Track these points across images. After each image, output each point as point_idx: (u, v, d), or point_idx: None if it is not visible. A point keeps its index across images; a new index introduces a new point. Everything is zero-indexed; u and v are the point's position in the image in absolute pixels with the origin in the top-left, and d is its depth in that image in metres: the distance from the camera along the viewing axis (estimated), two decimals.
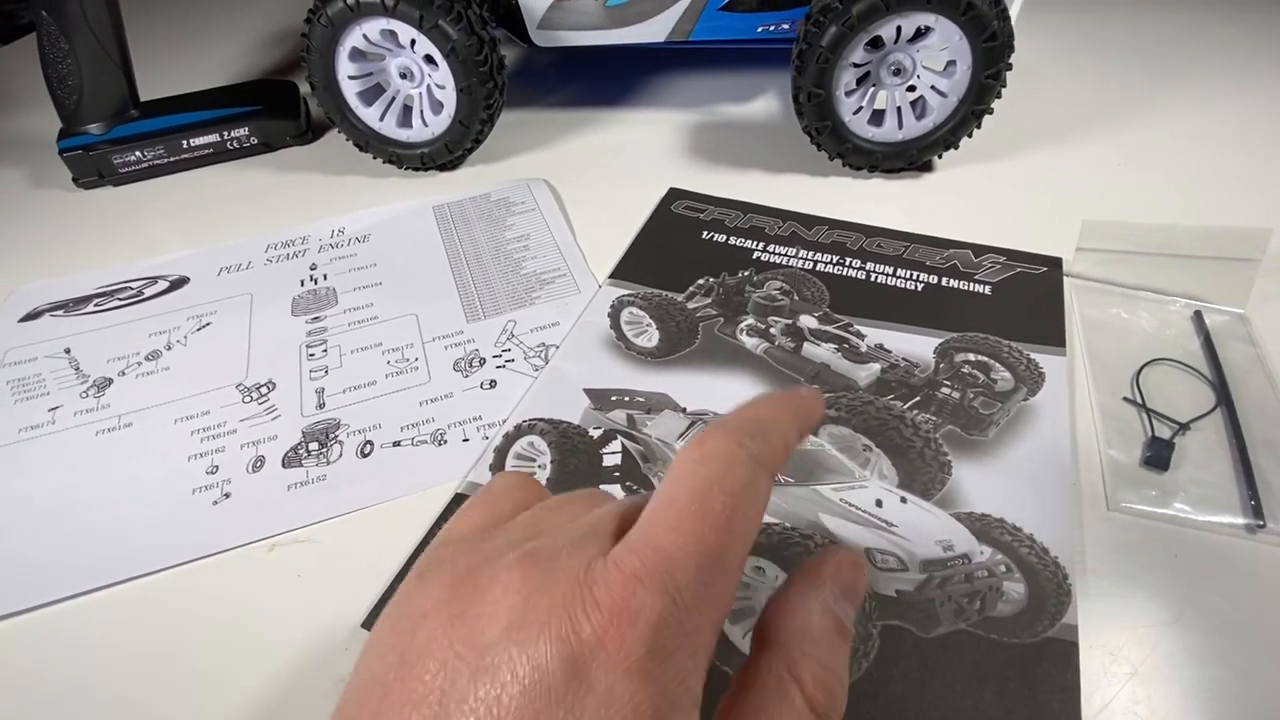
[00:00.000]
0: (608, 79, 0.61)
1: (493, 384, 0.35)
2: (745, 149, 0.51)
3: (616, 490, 0.30)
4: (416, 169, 0.51)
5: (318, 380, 0.36)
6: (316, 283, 0.42)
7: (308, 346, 0.38)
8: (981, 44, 0.41)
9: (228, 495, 0.31)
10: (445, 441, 0.32)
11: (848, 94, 0.44)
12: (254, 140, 0.53)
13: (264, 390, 0.35)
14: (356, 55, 0.46)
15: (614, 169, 0.50)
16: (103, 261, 0.45)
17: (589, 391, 0.34)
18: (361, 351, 0.37)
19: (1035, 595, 0.25)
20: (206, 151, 0.52)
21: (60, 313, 0.41)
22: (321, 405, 0.35)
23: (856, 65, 0.44)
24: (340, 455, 0.32)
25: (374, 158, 0.51)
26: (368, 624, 0.26)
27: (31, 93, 0.65)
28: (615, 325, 0.37)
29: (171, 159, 0.52)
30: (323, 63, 0.46)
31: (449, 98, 0.47)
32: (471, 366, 0.36)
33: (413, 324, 0.39)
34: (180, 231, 0.47)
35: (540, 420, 0.33)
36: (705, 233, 0.43)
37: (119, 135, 0.50)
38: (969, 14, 0.40)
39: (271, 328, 0.39)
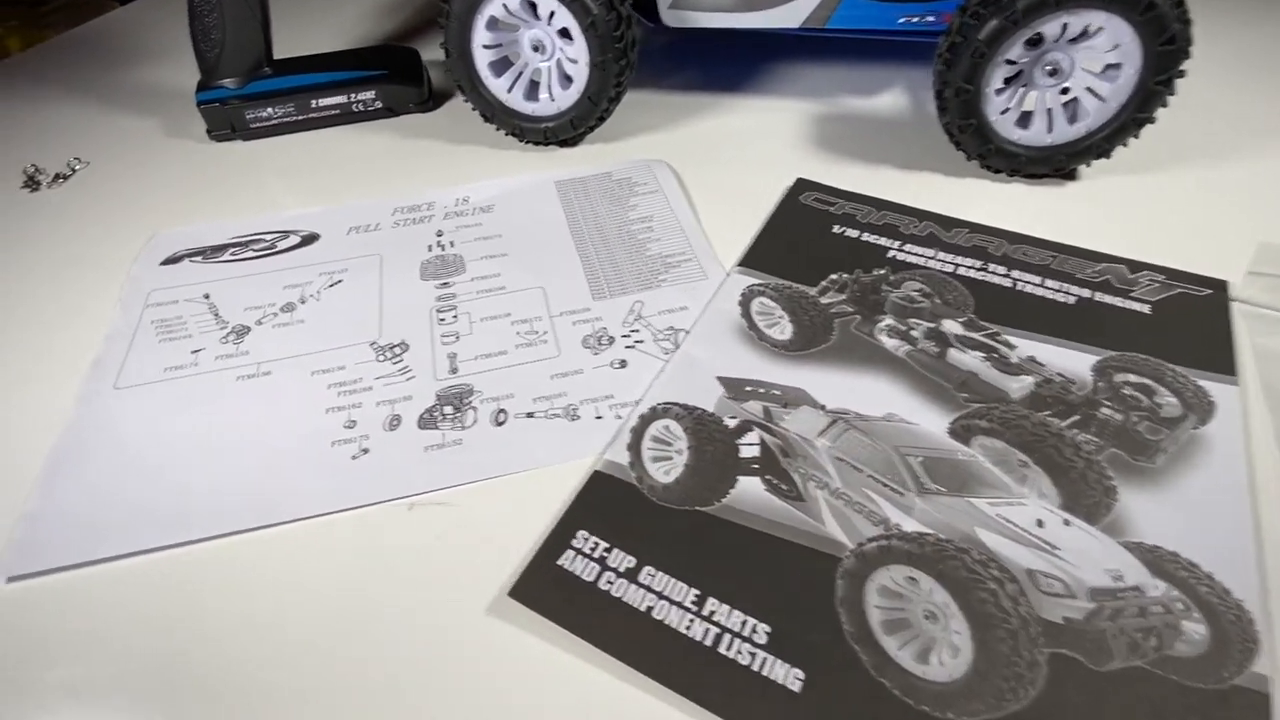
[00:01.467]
0: (725, 63, 0.60)
1: (623, 364, 0.35)
2: (873, 144, 0.50)
3: (755, 482, 0.29)
4: (538, 143, 0.50)
5: (449, 345, 0.36)
6: (444, 249, 0.42)
7: (438, 311, 0.38)
8: (1157, 47, 0.39)
9: (366, 450, 0.31)
10: (578, 417, 0.32)
11: (997, 92, 0.42)
12: (379, 104, 0.54)
13: (397, 351, 0.36)
14: (493, 24, 0.46)
15: (735, 155, 0.49)
16: (232, 212, 0.46)
17: (723, 380, 0.33)
18: (491, 320, 0.37)
19: (1218, 638, 0.24)
20: (333, 112, 0.53)
21: (199, 259, 0.42)
22: (454, 370, 0.35)
23: (1010, 62, 0.42)
24: (475, 421, 0.32)
25: (497, 129, 0.51)
26: (514, 593, 0.26)
27: (165, 47, 0.67)
28: (746, 315, 0.36)
29: (299, 117, 0.53)
30: (460, 30, 0.46)
31: (580, 73, 0.46)
32: (600, 344, 0.36)
33: (540, 297, 0.39)
34: (306, 189, 0.48)
35: (675, 405, 0.32)
36: (836, 227, 0.42)
37: (253, 91, 0.51)
38: (1148, 14, 0.38)
39: (402, 290, 0.39)
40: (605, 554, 0.27)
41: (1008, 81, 0.42)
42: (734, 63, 0.60)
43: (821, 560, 0.27)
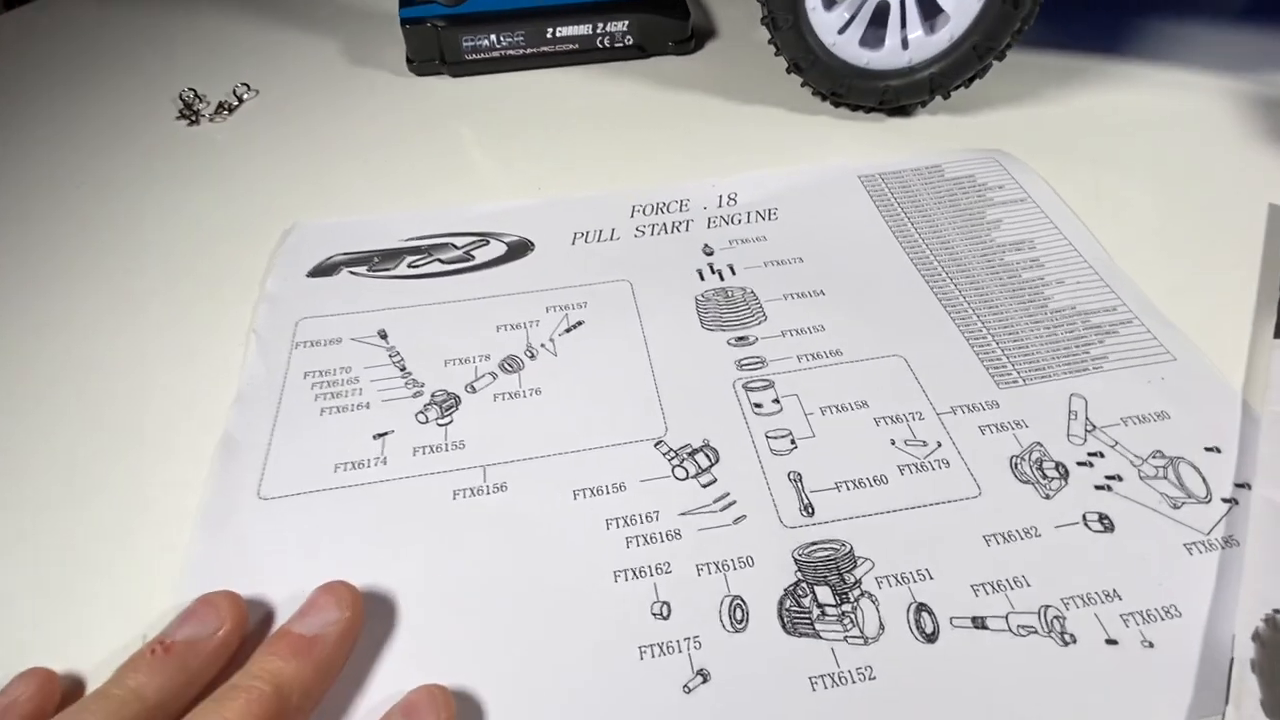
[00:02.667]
0: (1119, 19, 0.42)
1: (1105, 522, 0.20)
2: None
3: None
4: (862, 107, 0.35)
5: (783, 457, 0.22)
6: (721, 277, 0.28)
7: (747, 389, 0.24)
8: None
9: (704, 677, 0.18)
10: (1072, 640, 0.18)
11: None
12: (630, 40, 0.40)
13: (701, 460, 0.22)
14: None
15: (1142, 148, 0.33)
16: (423, 185, 0.33)
17: None
18: (837, 413, 0.23)
19: None
20: (571, 46, 0.40)
21: (362, 270, 0.29)
22: (808, 510, 0.21)
23: None
24: (880, 627, 0.19)
25: (802, 84, 0.36)
26: None
27: None
28: None
29: (529, 50, 0.39)
30: None
31: (962, 7, 0.31)
32: (1045, 476, 0.21)
33: (904, 374, 0.24)
34: (524, 153, 0.35)
35: None
36: None
37: (475, 9, 0.38)
38: None
39: (676, 343, 0.25)
40: None
41: None
42: (1127, 19, 0.42)
43: None
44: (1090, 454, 0.22)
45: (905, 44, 0.32)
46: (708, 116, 0.37)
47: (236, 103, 0.39)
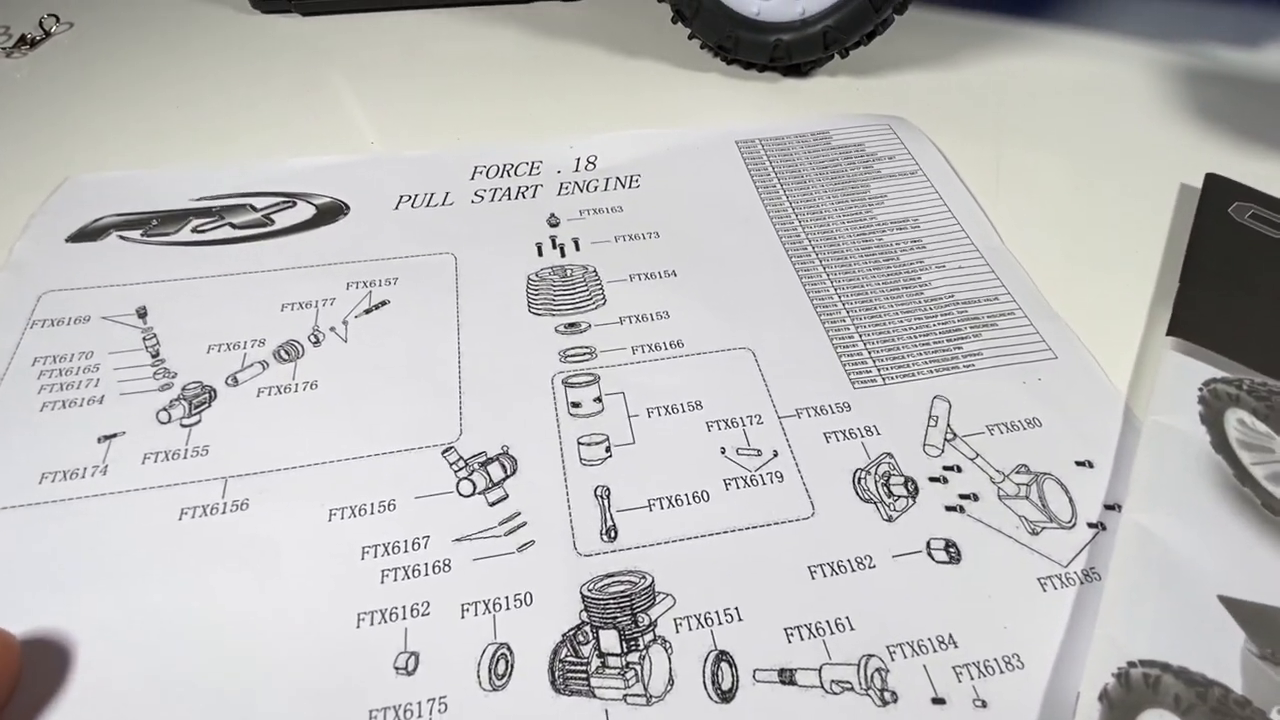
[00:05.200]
0: None
1: (951, 551, 0.18)
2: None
3: None
4: (755, 65, 0.32)
5: (593, 467, 0.19)
6: (563, 253, 0.24)
7: (567, 384, 0.21)
8: None
9: None
10: (892, 698, 0.15)
11: None
12: None
13: (494, 472, 0.19)
14: None
15: (1046, 120, 0.30)
16: (237, 137, 0.28)
17: (1231, 606, 0.16)
18: (666, 414, 0.20)
19: None
20: None
21: (135, 234, 0.24)
22: (610, 533, 0.18)
23: None
24: (669, 683, 0.15)
25: (690, 37, 0.32)
26: None
27: None
28: (1223, 445, 0.19)
29: None
30: None
31: None
32: (891, 494, 0.18)
33: (750, 369, 0.21)
34: (366, 104, 0.30)
35: (1166, 670, 0.15)
36: None
37: None
38: None
39: (498, 329, 0.22)
40: None
41: None
42: None
43: None
44: (946, 468, 0.19)
45: None
46: (586, 70, 0.33)
47: (42, 35, 0.34)
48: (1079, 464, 0.19)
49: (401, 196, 0.26)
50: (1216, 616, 0.16)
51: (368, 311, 0.22)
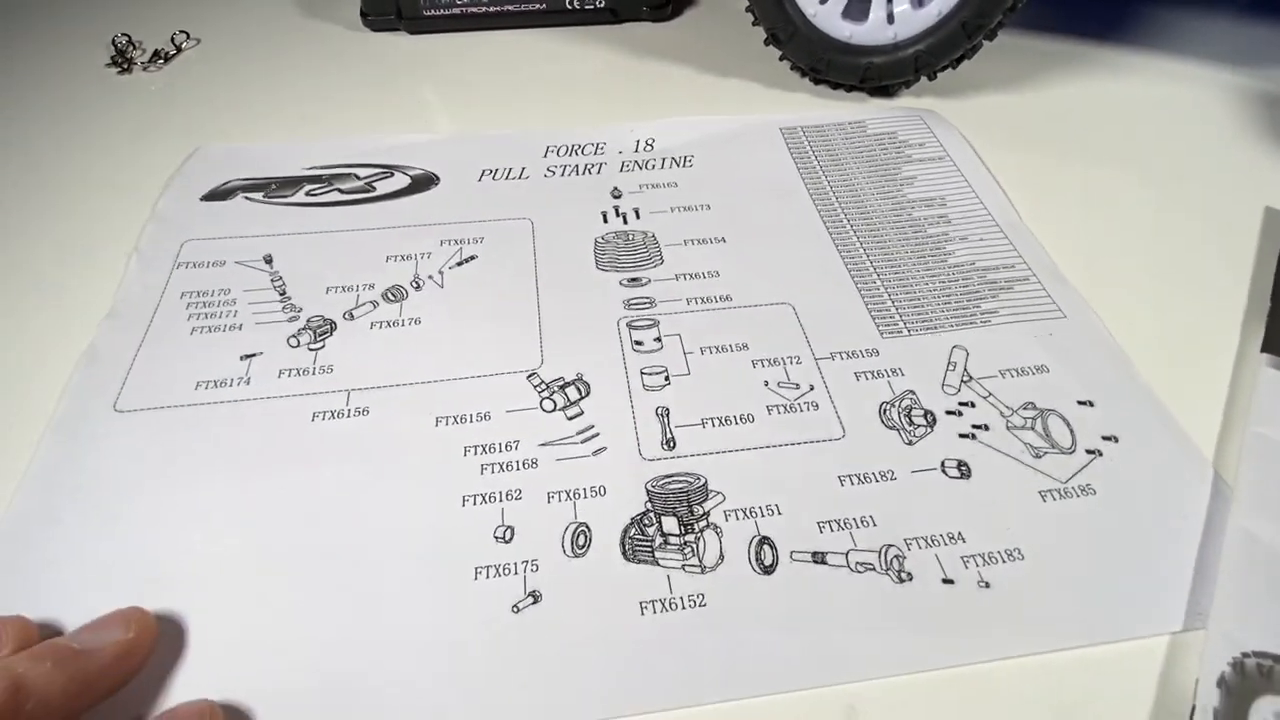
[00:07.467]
0: (1119, 3, 0.40)
1: (963, 469, 0.20)
2: None
3: None
4: (842, 85, 0.33)
5: (655, 393, 0.22)
6: (625, 220, 0.28)
7: (631, 327, 0.24)
8: None
9: (535, 598, 0.18)
10: (908, 577, 0.18)
11: None
12: (601, 2, 0.38)
13: (571, 394, 0.22)
14: None
15: (1132, 142, 0.31)
16: (348, 125, 0.32)
17: None
18: (717, 354, 0.23)
19: None
20: (538, 6, 0.38)
21: (258, 196, 0.28)
22: (670, 443, 0.21)
23: None
24: (720, 558, 0.18)
25: (780, 58, 0.34)
26: None
27: None
28: None
29: (492, 8, 0.38)
30: None
31: None
32: (912, 423, 0.21)
33: (790, 321, 0.24)
34: (453, 106, 0.34)
35: (1273, 659, 0.16)
36: None
37: None
38: None
39: (570, 282, 0.25)
40: None
41: None
42: (1136, 1, 0.40)
43: None
44: (961, 404, 0.21)
45: (891, 18, 0.31)
46: (677, 89, 0.35)
47: (174, 51, 0.38)
48: (1080, 403, 0.21)
49: (484, 170, 0.29)
50: None
51: (459, 264, 0.25)
